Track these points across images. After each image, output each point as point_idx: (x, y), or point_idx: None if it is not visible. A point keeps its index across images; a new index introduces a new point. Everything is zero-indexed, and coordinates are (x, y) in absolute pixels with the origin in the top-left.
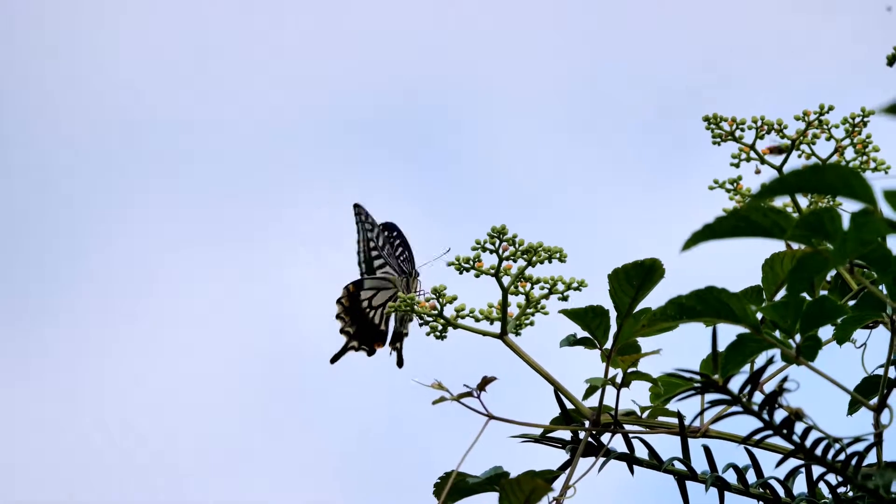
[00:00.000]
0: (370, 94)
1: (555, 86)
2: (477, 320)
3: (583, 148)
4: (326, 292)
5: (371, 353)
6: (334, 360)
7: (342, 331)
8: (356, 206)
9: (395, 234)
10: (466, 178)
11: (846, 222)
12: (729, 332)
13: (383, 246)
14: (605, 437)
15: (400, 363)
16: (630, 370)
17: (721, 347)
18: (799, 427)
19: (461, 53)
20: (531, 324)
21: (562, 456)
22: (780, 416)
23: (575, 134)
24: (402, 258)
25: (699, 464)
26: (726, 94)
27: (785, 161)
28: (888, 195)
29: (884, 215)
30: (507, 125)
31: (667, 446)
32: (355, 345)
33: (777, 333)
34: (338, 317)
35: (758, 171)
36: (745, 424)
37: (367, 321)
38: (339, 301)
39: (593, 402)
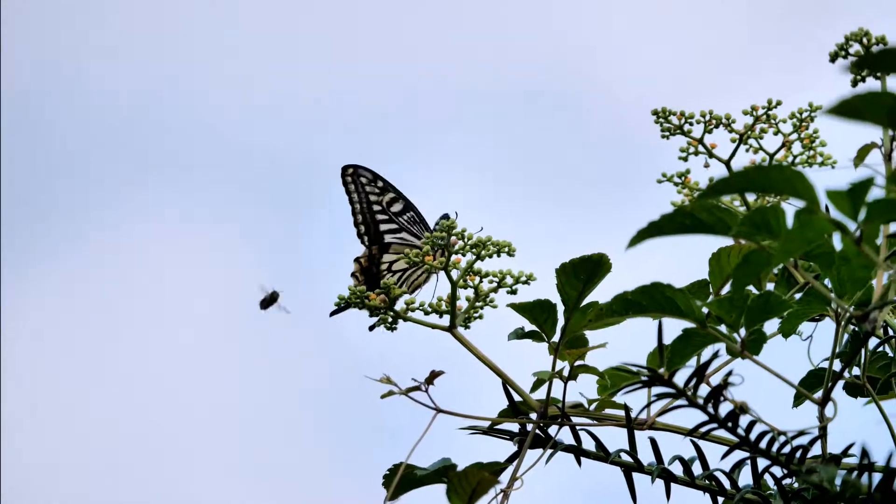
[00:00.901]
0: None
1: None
2: (426, 313)
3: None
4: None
5: (374, 313)
6: (333, 314)
7: (349, 289)
8: (347, 167)
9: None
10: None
11: (791, 219)
12: (675, 327)
13: (402, 210)
14: (552, 430)
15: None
16: (577, 363)
17: (667, 341)
18: (744, 420)
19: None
20: (480, 317)
21: (510, 448)
22: (725, 409)
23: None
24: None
25: (646, 456)
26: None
27: (733, 154)
28: (831, 195)
29: (829, 213)
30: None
31: (614, 438)
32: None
33: (723, 328)
34: (352, 275)
35: (706, 165)
36: (690, 417)
37: (378, 283)
38: (356, 260)
39: (541, 394)
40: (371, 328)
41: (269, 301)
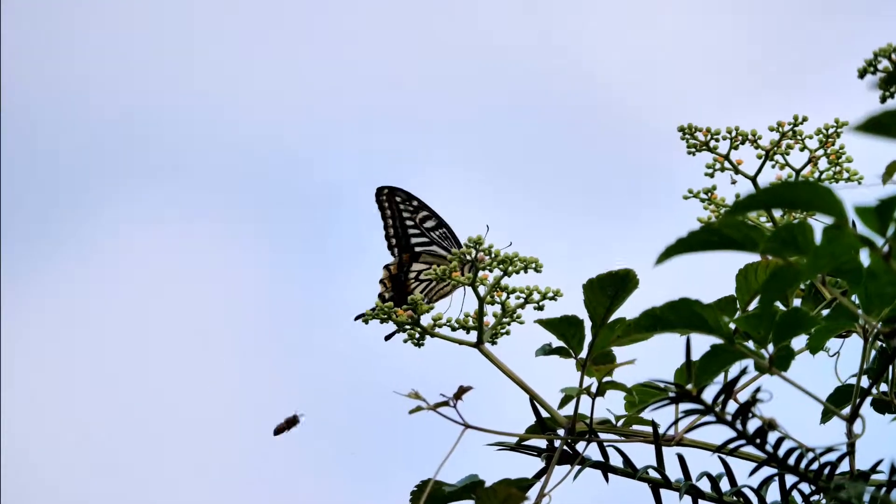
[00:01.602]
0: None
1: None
2: (453, 329)
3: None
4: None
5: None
6: (359, 318)
7: (380, 295)
8: (382, 189)
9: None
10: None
11: (818, 235)
12: (703, 343)
13: (435, 227)
14: (580, 446)
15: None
16: (605, 379)
17: (695, 358)
18: (772, 436)
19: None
20: (507, 333)
21: (537, 464)
22: (753, 425)
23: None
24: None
25: (673, 472)
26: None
27: (759, 171)
28: (859, 210)
29: (856, 229)
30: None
31: (641, 455)
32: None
33: (750, 344)
34: (381, 281)
35: (733, 182)
36: (718, 434)
37: (407, 292)
38: (385, 266)
39: (568, 410)
40: (387, 338)
41: (287, 425)
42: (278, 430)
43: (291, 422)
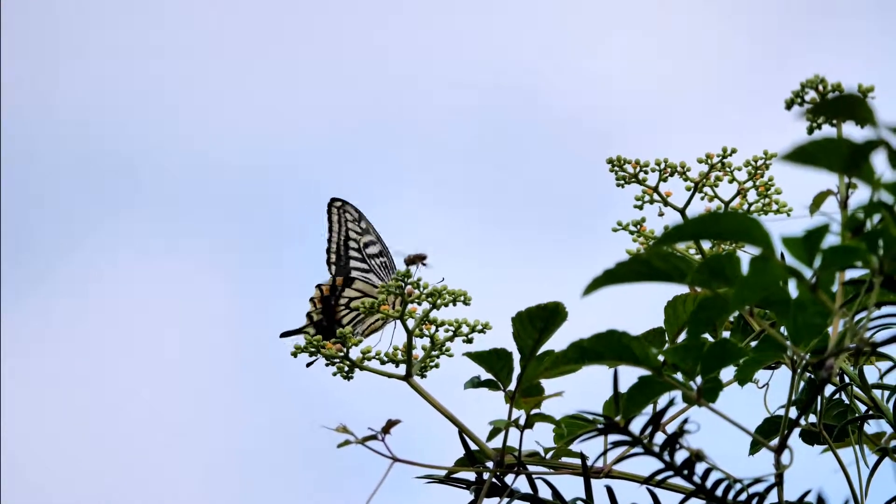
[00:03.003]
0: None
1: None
2: (382, 362)
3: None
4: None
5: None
6: (284, 335)
7: (308, 314)
8: (335, 200)
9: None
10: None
11: (746, 266)
12: (631, 374)
13: (377, 254)
14: (508, 478)
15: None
16: (533, 412)
17: (623, 389)
18: (700, 467)
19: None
20: (436, 366)
21: (466, 497)
22: (681, 456)
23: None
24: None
25: None
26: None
27: (688, 202)
28: (786, 241)
29: (784, 260)
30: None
31: (570, 487)
32: (310, 331)
33: (679, 375)
34: (311, 300)
35: (661, 214)
36: (647, 465)
37: (334, 318)
38: (318, 286)
39: (497, 443)
40: (308, 364)
41: (416, 260)
42: (408, 261)
43: (418, 258)
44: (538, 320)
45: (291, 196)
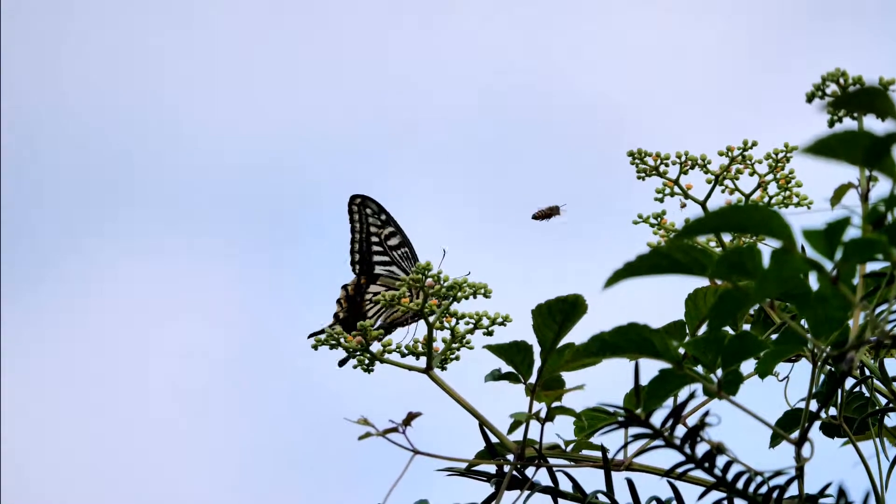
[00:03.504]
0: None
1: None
2: (403, 355)
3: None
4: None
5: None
6: (312, 336)
7: (335, 315)
8: (355, 197)
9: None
10: None
11: (767, 259)
12: (651, 367)
13: (398, 245)
14: (529, 471)
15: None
16: (554, 405)
17: (643, 382)
18: (721, 460)
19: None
20: (457, 359)
21: (487, 489)
22: (701, 449)
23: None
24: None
25: (623, 496)
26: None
27: (709, 195)
28: (807, 234)
29: (805, 253)
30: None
31: (591, 479)
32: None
33: (699, 368)
34: (337, 301)
35: (683, 206)
36: (667, 458)
37: (360, 312)
38: (343, 287)
39: (518, 436)
40: (341, 364)
41: (548, 214)
42: (541, 216)
43: (552, 210)
44: (558, 313)
45: (292, 196)
